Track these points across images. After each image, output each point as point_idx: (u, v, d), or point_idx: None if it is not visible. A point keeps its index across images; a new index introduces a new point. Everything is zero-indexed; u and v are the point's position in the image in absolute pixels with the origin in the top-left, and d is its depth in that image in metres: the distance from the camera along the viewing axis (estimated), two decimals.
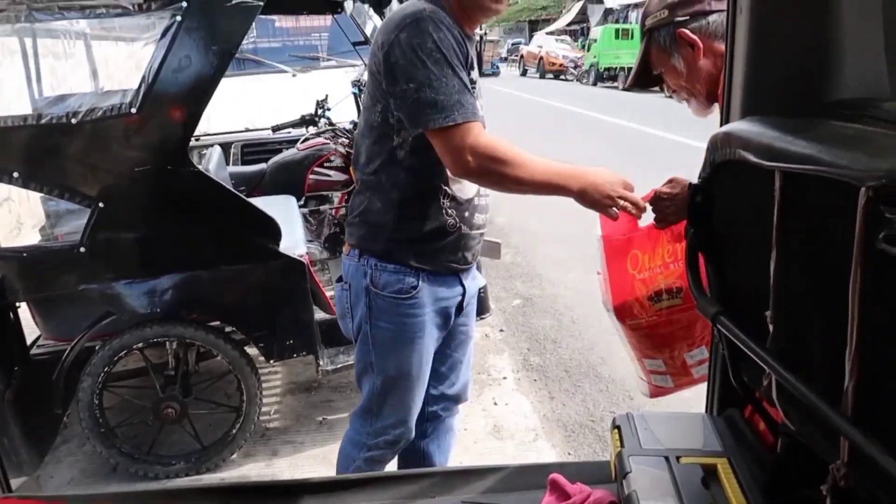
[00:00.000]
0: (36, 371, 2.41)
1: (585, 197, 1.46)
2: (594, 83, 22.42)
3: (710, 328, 1.11)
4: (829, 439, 0.74)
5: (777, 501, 0.91)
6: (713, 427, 1.10)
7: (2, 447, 2.21)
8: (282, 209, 2.88)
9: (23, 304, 2.43)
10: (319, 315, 2.56)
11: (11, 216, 5.19)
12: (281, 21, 6.83)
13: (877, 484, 0.67)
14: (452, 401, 1.89)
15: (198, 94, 2.16)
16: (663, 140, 9.73)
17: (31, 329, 2.53)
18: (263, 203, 2.55)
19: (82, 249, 2.21)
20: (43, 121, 2.12)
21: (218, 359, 2.50)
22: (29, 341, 2.52)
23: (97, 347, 2.34)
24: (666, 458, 1.01)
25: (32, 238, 3.98)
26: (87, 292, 2.27)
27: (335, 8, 3.42)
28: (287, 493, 1.25)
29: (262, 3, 2.15)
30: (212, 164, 3.03)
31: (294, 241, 2.55)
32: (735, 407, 1.13)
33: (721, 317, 0.92)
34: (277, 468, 2.59)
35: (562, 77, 26.53)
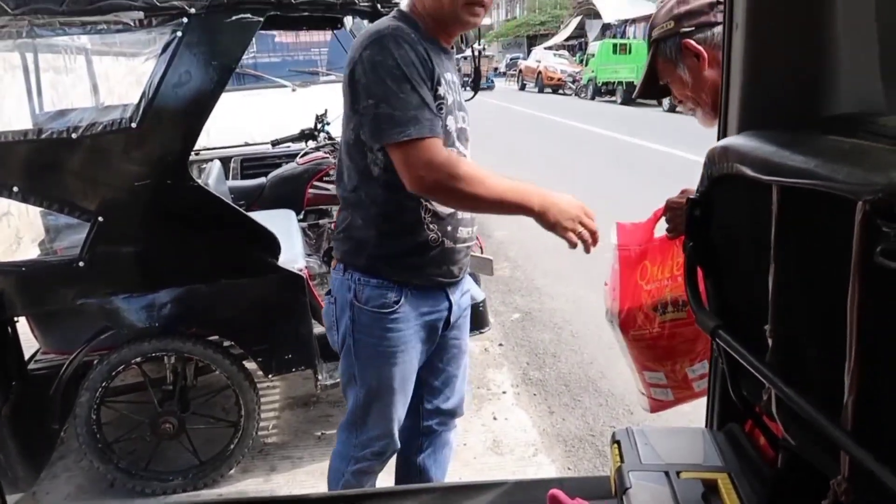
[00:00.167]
0: (33, 386, 2.40)
1: (545, 217, 1.46)
2: (592, 97, 22.52)
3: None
4: (830, 454, 0.73)
5: None
6: (713, 442, 1.09)
7: None
8: (281, 223, 2.89)
9: (21, 319, 2.43)
10: (318, 329, 2.55)
11: (10, 230, 5.19)
12: (281, 36, 6.88)
13: (878, 499, 0.67)
14: (448, 415, 1.89)
15: (198, 109, 2.17)
16: (661, 154, 9.76)
17: (29, 344, 2.52)
18: (263, 217, 2.55)
19: (81, 264, 2.20)
20: (43, 135, 2.12)
21: (216, 373, 2.49)
22: (27, 356, 2.52)
23: (95, 362, 2.33)
24: (666, 474, 1.00)
25: (31, 252, 3.98)
26: (86, 306, 2.26)
27: (335, 23, 3.45)
28: None
29: (262, 19, 2.17)
30: (211, 179, 3.04)
31: (293, 255, 2.55)
32: (735, 421, 1.12)
33: (720, 331, 0.92)
34: (276, 483, 2.57)
35: (560, 91, 26.66)
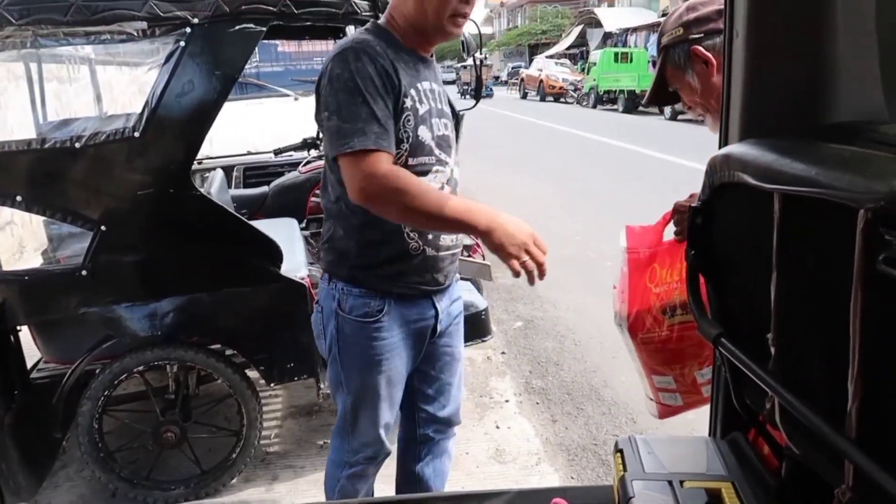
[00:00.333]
0: (36, 395, 2.40)
1: (490, 238, 1.42)
2: (594, 106, 22.58)
3: None
4: (834, 463, 0.73)
5: None
6: (717, 450, 1.09)
7: (0, 472, 2.19)
8: (283, 232, 2.89)
9: (24, 329, 2.43)
10: None
11: (14, 239, 5.20)
12: (283, 46, 6.92)
13: None
14: (444, 423, 1.88)
15: (200, 119, 2.18)
16: (663, 162, 9.77)
17: (32, 353, 2.52)
18: (265, 226, 2.55)
19: (84, 272, 2.21)
20: (47, 145, 2.13)
21: (218, 382, 2.48)
22: (29, 365, 2.52)
23: (97, 371, 2.33)
24: (669, 483, 1.00)
25: (35, 261, 3.98)
26: (89, 315, 2.26)
27: (336, 33, 3.46)
28: None
29: (265, 29, 2.18)
30: (214, 188, 3.04)
31: (295, 264, 2.55)
32: (739, 430, 1.12)
33: (722, 339, 0.92)
34: (278, 493, 2.56)
35: (562, 100, 26.74)
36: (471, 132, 3.36)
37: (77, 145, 2.11)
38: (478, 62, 3.15)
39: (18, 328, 2.39)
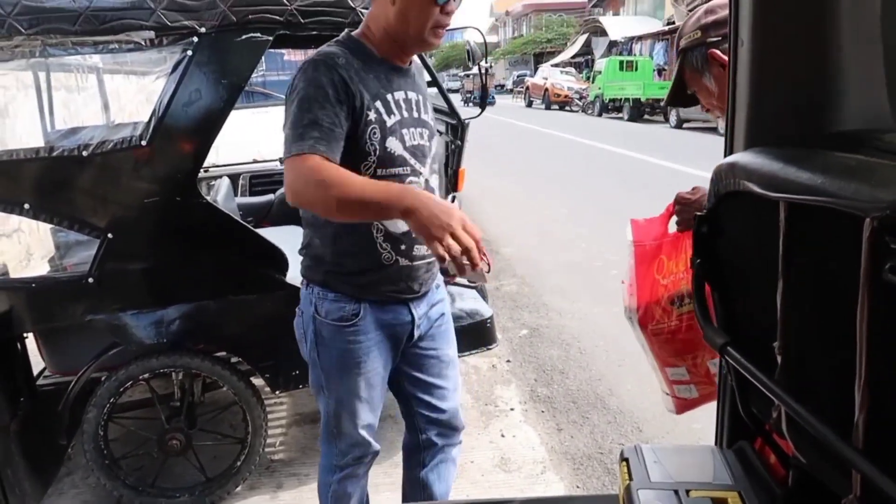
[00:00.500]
0: (42, 402, 2.41)
1: (414, 217, 1.34)
2: (599, 114, 22.59)
3: None
4: (841, 473, 0.73)
5: None
6: (723, 460, 1.08)
7: (6, 478, 2.20)
8: (289, 240, 2.89)
9: (30, 336, 2.44)
10: None
11: (21, 247, 5.23)
12: (290, 55, 6.96)
13: None
14: (444, 426, 1.88)
15: (207, 127, 2.19)
16: (668, 170, 9.77)
17: (38, 360, 2.53)
18: (271, 234, 2.56)
19: (91, 280, 2.22)
20: (55, 153, 2.15)
21: (223, 390, 2.49)
22: (35, 372, 2.52)
23: (103, 378, 2.34)
24: (675, 492, 0.99)
25: (42, 269, 4.00)
26: (95, 323, 2.27)
27: None
28: None
29: (272, 38, 2.20)
30: (220, 196, 3.05)
31: None
32: (745, 439, 1.11)
33: (729, 348, 0.92)
34: (282, 501, 2.56)
35: (567, 108, 26.78)
36: (476, 140, 3.37)
37: (84, 154, 2.13)
38: (483, 71, 3.16)
39: (25, 335, 2.40)
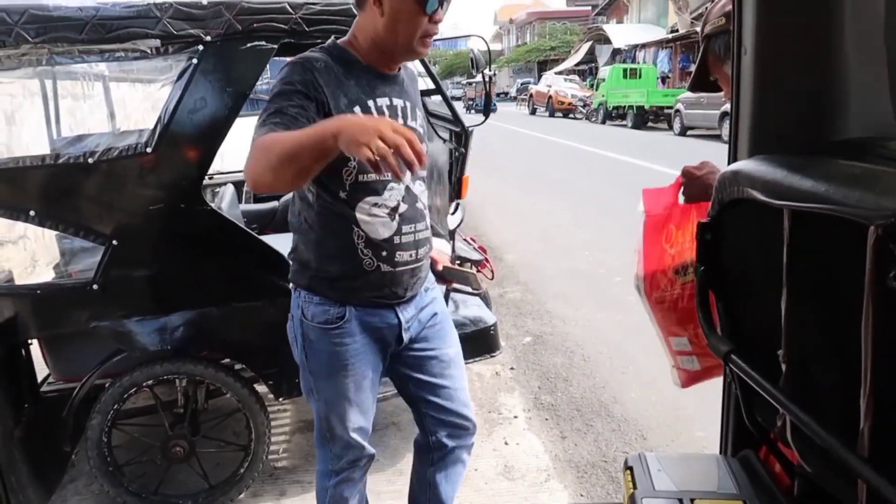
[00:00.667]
0: (46, 408, 2.41)
1: (342, 137, 1.29)
2: (603, 121, 22.60)
3: None
4: (847, 481, 0.72)
5: None
6: (728, 468, 1.08)
7: (9, 485, 2.20)
8: None
9: (34, 342, 2.44)
10: None
11: (27, 253, 5.25)
12: None
13: None
14: (454, 427, 1.87)
15: (212, 135, 2.21)
16: (672, 178, 9.74)
17: (43, 366, 2.53)
18: (275, 241, 2.56)
19: (95, 287, 2.22)
20: (60, 160, 2.16)
21: (227, 397, 2.49)
22: (39, 378, 2.53)
23: (107, 385, 2.34)
24: (680, 501, 0.99)
25: (46, 275, 4.01)
26: (99, 329, 2.27)
27: None
28: None
29: (276, 47, 2.21)
30: (225, 203, 3.06)
31: None
32: (750, 448, 1.11)
33: (733, 355, 0.92)
34: None
35: (571, 116, 26.79)
36: (479, 147, 3.37)
37: (90, 161, 2.14)
38: (486, 79, 3.17)
39: (30, 341, 2.40)
